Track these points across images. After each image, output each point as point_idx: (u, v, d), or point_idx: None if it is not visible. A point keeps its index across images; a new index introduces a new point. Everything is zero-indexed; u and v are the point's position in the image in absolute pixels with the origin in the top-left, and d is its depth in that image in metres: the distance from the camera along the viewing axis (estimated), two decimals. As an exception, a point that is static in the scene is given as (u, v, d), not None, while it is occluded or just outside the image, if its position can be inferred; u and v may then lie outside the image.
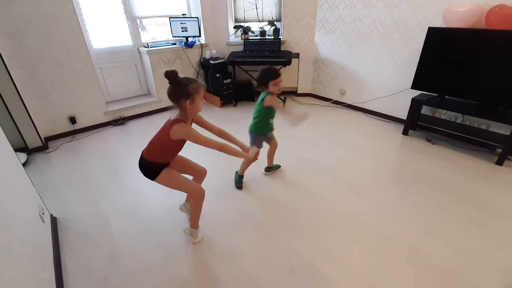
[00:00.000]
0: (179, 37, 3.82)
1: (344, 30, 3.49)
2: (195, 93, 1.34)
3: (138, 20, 3.56)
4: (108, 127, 3.38)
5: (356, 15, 3.30)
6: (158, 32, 3.97)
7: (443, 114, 2.89)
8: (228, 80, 3.86)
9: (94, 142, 3.04)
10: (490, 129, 2.59)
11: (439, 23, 2.60)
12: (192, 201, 1.67)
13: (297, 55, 3.98)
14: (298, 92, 4.32)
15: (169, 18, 3.66)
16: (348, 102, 3.79)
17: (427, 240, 1.68)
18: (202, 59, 3.93)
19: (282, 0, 3.76)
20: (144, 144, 1.56)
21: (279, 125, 3.11)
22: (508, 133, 2.33)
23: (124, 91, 3.74)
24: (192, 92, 1.33)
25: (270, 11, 3.97)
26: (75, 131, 3.21)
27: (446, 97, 2.71)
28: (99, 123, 3.37)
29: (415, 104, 2.80)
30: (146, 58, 3.56)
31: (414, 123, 3.00)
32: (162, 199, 2.11)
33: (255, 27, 4.10)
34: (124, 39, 3.54)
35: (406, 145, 2.78)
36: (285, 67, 3.77)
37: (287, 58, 3.54)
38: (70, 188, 2.28)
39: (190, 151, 1.77)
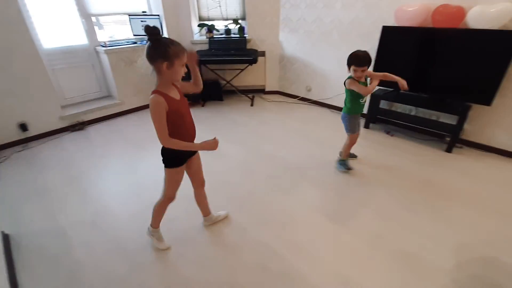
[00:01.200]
0: (140, 35, 3.65)
1: (307, 29, 3.59)
2: (174, 57, 1.18)
3: (93, 17, 3.35)
4: (65, 133, 3.15)
5: (317, 14, 3.41)
6: (118, 31, 3.77)
7: (399, 108, 3.10)
8: (195, 80, 3.77)
9: (49, 150, 2.81)
10: (440, 120, 2.83)
11: (392, 22, 2.78)
12: (162, 202, 1.61)
13: (263, 53, 4.01)
14: (266, 89, 4.36)
15: (128, 15, 3.49)
16: (314, 99, 3.91)
17: (388, 227, 1.80)
18: (166, 59, 3.80)
19: (245, -1, 3.77)
20: (105, 150, 1.48)
21: (248, 124, 3.12)
22: (455, 123, 2.56)
23: (81, 94, 3.50)
24: (171, 54, 1.17)
25: (234, 9, 3.95)
26: (27, 139, 2.94)
27: (401, 91, 2.90)
28: (54, 129, 3.12)
29: (374, 99, 2.96)
30: (105, 58, 3.36)
31: (374, 117, 3.18)
32: (127, 205, 2.02)
33: (219, 25, 4.06)
34: (78, 38, 3.30)
35: (368, 138, 2.94)
36: (251, 65, 3.79)
37: (253, 56, 3.56)
38: (23, 201, 2.08)
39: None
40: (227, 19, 4.00)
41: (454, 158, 2.55)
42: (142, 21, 3.56)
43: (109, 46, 3.35)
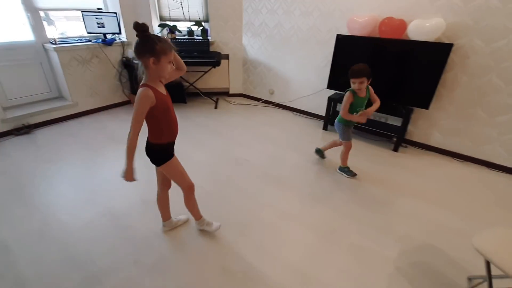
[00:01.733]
0: (95, 33, 3.46)
1: (268, 34, 3.69)
2: (161, 53, 1.21)
3: (42, 12, 3.09)
4: (9, 138, 2.86)
5: (278, 20, 3.53)
6: (70, 27, 3.52)
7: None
8: (156, 81, 3.66)
9: (-13, 156, 2.54)
10: (387, 122, 3.10)
11: (345, 31, 2.98)
12: (186, 195, 1.66)
13: (226, 56, 4.03)
14: (230, 92, 4.39)
15: (82, 12, 3.28)
16: (277, 101, 4.03)
17: (342, 222, 1.93)
18: (124, 58, 3.65)
19: (208, 1, 3.76)
20: (55, 155, 1.38)
21: (212, 127, 3.12)
22: (400, 125, 2.83)
23: (27, 95, 3.20)
24: (158, 51, 1.20)
25: (196, 11, 3.92)
26: (-41, 144, 2.63)
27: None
28: (-6, 133, 2.83)
29: (331, 102, 3.15)
30: (55, 56, 3.12)
31: (332, 119, 3.37)
32: (79, 214, 1.90)
33: (182, 26, 4.00)
34: (23, 34, 3.03)
35: (326, 139, 3.11)
36: (215, 68, 3.78)
37: (217, 59, 3.56)
38: (-48, 215, 1.86)
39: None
40: (189, 21, 3.95)
41: (400, 156, 2.82)
42: (97, 18, 3.38)
43: (59, 44, 3.12)
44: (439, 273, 1.60)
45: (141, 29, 1.19)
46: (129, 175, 1.37)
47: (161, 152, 1.47)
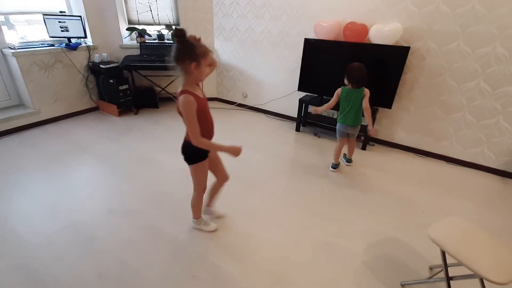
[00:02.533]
0: (59, 37, 3.31)
1: (240, 37, 3.73)
2: (201, 57, 1.24)
3: (1, 16, 2.92)
4: (-40, 149, 2.66)
5: (248, 24, 3.57)
6: (32, 32, 3.34)
7: (324, 112, 3.42)
8: (125, 86, 3.57)
9: None
10: (356, 122, 3.22)
11: (312, 35, 3.07)
12: (197, 195, 1.70)
13: (199, 60, 4.01)
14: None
15: (43, 15, 3.13)
16: (250, 104, 4.06)
17: (312, 220, 1.98)
18: (90, 63, 3.52)
19: (178, 5, 3.73)
20: (14, 166, 1.30)
21: (180, 130, 3.03)
22: (366, 124, 2.94)
23: (-17, 103, 3.00)
24: (198, 55, 1.23)
25: (166, 15, 3.87)
26: None
27: (324, 97, 3.23)
28: None
29: (302, 104, 3.23)
30: (13, 62, 2.95)
31: (304, 120, 3.45)
32: (39, 229, 1.80)
33: (152, 30, 3.93)
34: (-24, 38, 2.84)
35: (298, 140, 3.17)
36: (187, 72, 3.74)
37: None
38: None
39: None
40: (159, 24, 3.90)
41: (368, 154, 2.93)
42: (60, 21, 3.24)
43: (19, 48, 2.95)
44: (403, 264, 1.68)
45: (179, 34, 1.22)
46: (234, 151, 1.46)
47: (196, 151, 1.49)
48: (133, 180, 2.32)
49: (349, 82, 2.29)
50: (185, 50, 1.23)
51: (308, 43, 3.00)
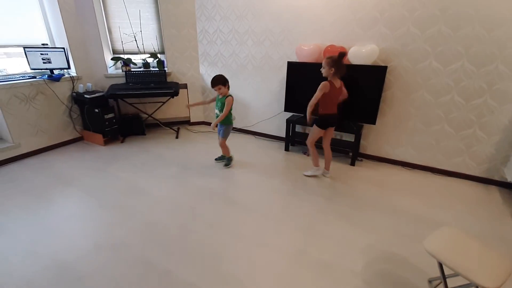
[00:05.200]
0: (41, 69, 3.27)
1: (225, 63, 3.83)
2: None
3: (-25, 49, 2.87)
4: None
5: (232, 50, 3.69)
6: (11, 64, 3.29)
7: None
8: (111, 115, 3.52)
9: None
10: (343, 138, 3.30)
11: (294, 58, 3.21)
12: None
13: (185, 86, 4.06)
14: (191, 121, 4.37)
15: (24, 48, 3.11)
16: (239, 126, 4.09)
17: (307, 240, 1.94)
18: (74, 94, 3.47)
19: (162, 34, 3.82)
20: None
21: (173, 157, 3.02)
22: (353, 140, 3.03)
23: (-43, 139, 2.85)
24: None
25: (151, 44, 3.94)
26: None
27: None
28: None
29: (289, 124, 3.29)
30: (-9, 96, 2.87)
31: (292, 139, 3.50)
32: (18, 270, 1.66)
33: (137, 59, 3.97)
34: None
35: (288, 159, 3.20)
36: (173, 98, 3.77)
37: (174, 89, 3.56)
38: None
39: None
40: (144, 53, 3.95)
41: (357, 169, 2.99)
42: (42, 53, 3.22)
43: (-3, 82, 2.88)
44: (403, 279, 1.66)
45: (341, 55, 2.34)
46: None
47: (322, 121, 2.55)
48: (121, 211, 2.23)
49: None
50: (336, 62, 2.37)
51: (291, 65, 3.13)
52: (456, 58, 2.52)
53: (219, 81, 2.66)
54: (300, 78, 3.13)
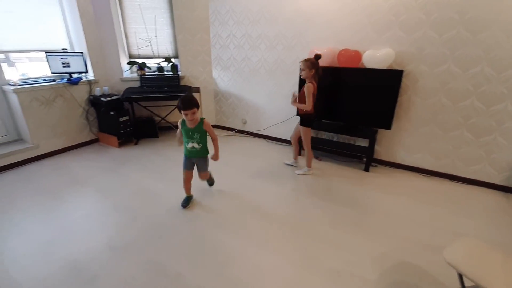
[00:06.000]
0: (60, 73, 3.39)
1: (237, 67, 3.85)
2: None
3: (1, 54, 3.00)
4: (-46, 188, 2.58)
5: (245, 54, 3.71)
6: (33, 68, 3.42)
7: (324, 135, 3.46)
8: (125, 118, 3.60)
9: None
10: (356, 144, 3.24)
11: (308, 62, 3.19)
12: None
13: (197, 89, 4.11)
14: (203, 124, 4.40)
15: (45, 52, 3.23)
16: (250, 130, 4.09)
17: (318, 247, 1.90)
18: (91, 97, 3.57)
19: (176, 39, 3.89)
20: (8, 204, 1.25)
21: (180, 159, 3.01)
22: (367, 145, 2.96)
23: (-20, 140, 2.98)
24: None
25: (166, 48, 4.02)
26: None
27: (323, 120, 3.28)
28: None
29: (301, 128, 3.26)
30: (14, 98, 2.98)
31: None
32: (33, 269, 1.70)
33: (151, 63, 4.05)
34: (-22, 77, 2.89)
35: (299, 164, 3.16)
36: (186, 101, 3.81)
37: (187, 92, 3.61)
38: None
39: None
40: (159, 57, 4.03)
41: (371, 176, 2.92)
42: (62, 58, 3.34)
43: (20, 85, 3.00)
44: (419, 291, 1.60)
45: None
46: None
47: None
48: (134, 212, 2.26)
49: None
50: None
51: (304, 70, 3.10)
52: (475, 62, 2.44)
53: (195, 103, 2.02)
54: (313, 82, 3.10)
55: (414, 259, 1.81)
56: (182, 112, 2.02)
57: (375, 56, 2.68)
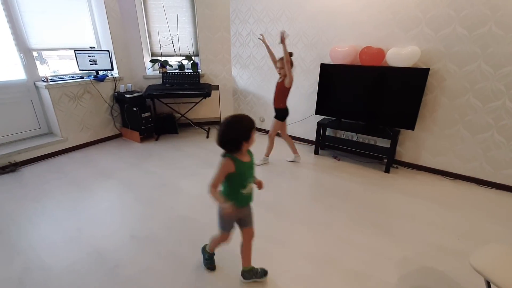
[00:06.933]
0: (88, 70, 3.55)
1: (256, 65, 3.86)
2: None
3: (35, 52, 3.19)
4: (-7, 177, 2.78)
5: (265, 52, 3.69)
6: (62, 65, 3.62)
7: (343, 134, 3.40)
8: (147, 114, 3.71)
9: (-31, 197, 2.44)
10: (377, 144, 3.17)
11: (328, 60, 3.15)
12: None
13: (217, 87, 4.16)
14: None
15: (74, 50, 3.39)
16: (267, 129, 4.09)
17: (338, 248, 1.88)
18: (116, 93, 3.71)
19: (198, 37, 3.96)
20: (40, 193, 1.34)
21: (203, 156, 3.07)
22: (389, 146, 2.89)
23: (15, 132, 3.17)
24: None
25: (187, 46, 4.10)
26: None
27: (342, 120, 3.22)
28: (-22, 172, 2.74)
29: (320, 127, 3.23)
30: (45, 93, 3.16)
31: (322, 143, 3.43)
32: (62, 256, 1.80)
33: (173, 61, 4.15)
34: (15, 73, 3.08)
35: (318, 163, 3.13)
36: (205, 99, 3.89)
37: (207, 90, 3.67)
38: None
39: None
40: (180, 55, 4.12)
41: (392, 177, 2.84)
42: (89, 56, 3.49)
43: (51, 81, 3.17)
44: (442, 297, 1.54)
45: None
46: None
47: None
48: (155, 205, 2.33)
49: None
50: None
51: (324, 68, 3.07)
52: (508, 61, 2.31)
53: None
54: (334, 80, 3.07)
55: (436, 264, 1.75)
56: (250, 133, 1.28)
57: (400, 54, 2.60)
